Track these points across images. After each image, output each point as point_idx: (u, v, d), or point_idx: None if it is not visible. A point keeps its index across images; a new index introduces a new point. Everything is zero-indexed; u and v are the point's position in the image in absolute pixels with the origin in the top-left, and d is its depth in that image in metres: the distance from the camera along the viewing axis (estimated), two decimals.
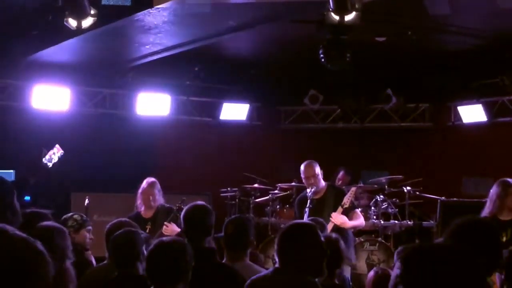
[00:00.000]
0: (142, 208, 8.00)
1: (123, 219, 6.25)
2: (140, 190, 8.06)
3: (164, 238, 4.50)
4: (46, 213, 4.83)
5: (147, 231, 7.52)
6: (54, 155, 7.00)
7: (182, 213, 5.57)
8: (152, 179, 8.10)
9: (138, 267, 4.73)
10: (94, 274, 5.24)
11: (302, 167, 8.05)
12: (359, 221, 7.99)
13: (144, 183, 8.06)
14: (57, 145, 7.29)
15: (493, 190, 6.80)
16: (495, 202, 6.75)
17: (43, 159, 6.78)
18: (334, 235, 5.47)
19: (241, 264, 5.14)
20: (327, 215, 7.64)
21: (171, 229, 7.52)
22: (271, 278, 4.39)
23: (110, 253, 5.05)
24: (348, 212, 7.87)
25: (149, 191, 7.97)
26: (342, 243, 5.33)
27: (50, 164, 6.88)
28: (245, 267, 5.10)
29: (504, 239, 6.64)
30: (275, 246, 4.44)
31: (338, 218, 7.67)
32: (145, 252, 4.81)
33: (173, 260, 4.04)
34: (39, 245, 1.99)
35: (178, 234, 6.84)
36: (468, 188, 10.93)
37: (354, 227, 8.05)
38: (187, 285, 4.10)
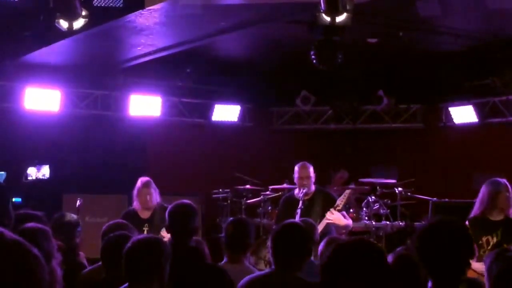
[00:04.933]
0: (139, 208, 7.92)
1: (120, 220, 6.22)
2: (136, 192, 7.96)
3: (141, 236, 4.50)
4: (39, 215, 4.80)
5: (145, 232, 7.46)
6: (40, 174, 6.97)
7: (167, 212, 5.54)
8: (146, 178, 8.01)
9: None
10: (89, 276, 5.22)
11: (296, 167, 8.10)
12: (350, 221, 8.06)
13: (139, 184, 7.96)
14: (47, 167, 7.25)
15: (484, 190, 6.80)
16: (486, 202, 6.75)
17: (29, 175, 6.74)
18: (343, 239, 5.44)
19: (240, 267, 5.11)
20: (314, 217, 7.65)
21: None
22: (266, 279, 4.42)
23: (101, 254, 5.04)
24: None
25: (146, 191, 7.88)
26: None
27: (30, 178, 6.85)
28: (244, 270, 5.07)
29: (495, 239, 6.66)
30: (269, 247, 4.47)
31: (333, 215, 7.73)
32: None
33: (150, 258, 4.05)
34: (35, 250, 1.98)
35: None
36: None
37: (346, 226, 8.06)
38: (164, 284, 4.10)
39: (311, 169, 8.07)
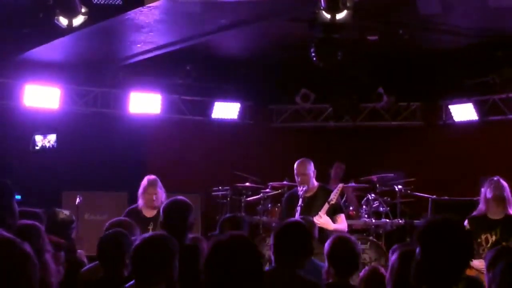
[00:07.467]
0: (144, 207, 7.77)
1: (123, 218, 6.19)
2: (141, 190, 7.81)
3: (150, 234, 4.47)
4: (37, 212, 4.79)
5: (150, 231, 7.32)
6: (46, 141, 6.92)
7: (162, 208, 5.46)
8: (153, 177, 7.87)
9: (123, 269, 4.70)
10: (88, 274, 5.21)
11: (295, 164, 8.07)
12: (342, 226, 7.91)
13: (146, 182, 7.81)
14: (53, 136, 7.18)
15: (483, 189, 6.85)
16: (485, 202, 6.80)
17: (36, 143, 6.68)
18: (352, 237, 5.40)
19: None
20: (315, 215, 7.62)
21: None
22: (266, 276, 4.41)
23: (97, 253, 5.02)
24: (334, 213, 7.84)
25: (152, 191, 7.72)
26: (359, 245, 5.27)
27: (37, 147, 6.79)
28: None
29: (494, 237, 6.68)
30: (270, 245, 4.48)
31: (321, 219, 7.63)
32: None
33: (157, 256, 4.01)
34: (27, 247, 1.98)
35: None
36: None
37: (336, 231, 7.92)
38: (173, 282, 4.07)
39: (310, 166, 8.00)
